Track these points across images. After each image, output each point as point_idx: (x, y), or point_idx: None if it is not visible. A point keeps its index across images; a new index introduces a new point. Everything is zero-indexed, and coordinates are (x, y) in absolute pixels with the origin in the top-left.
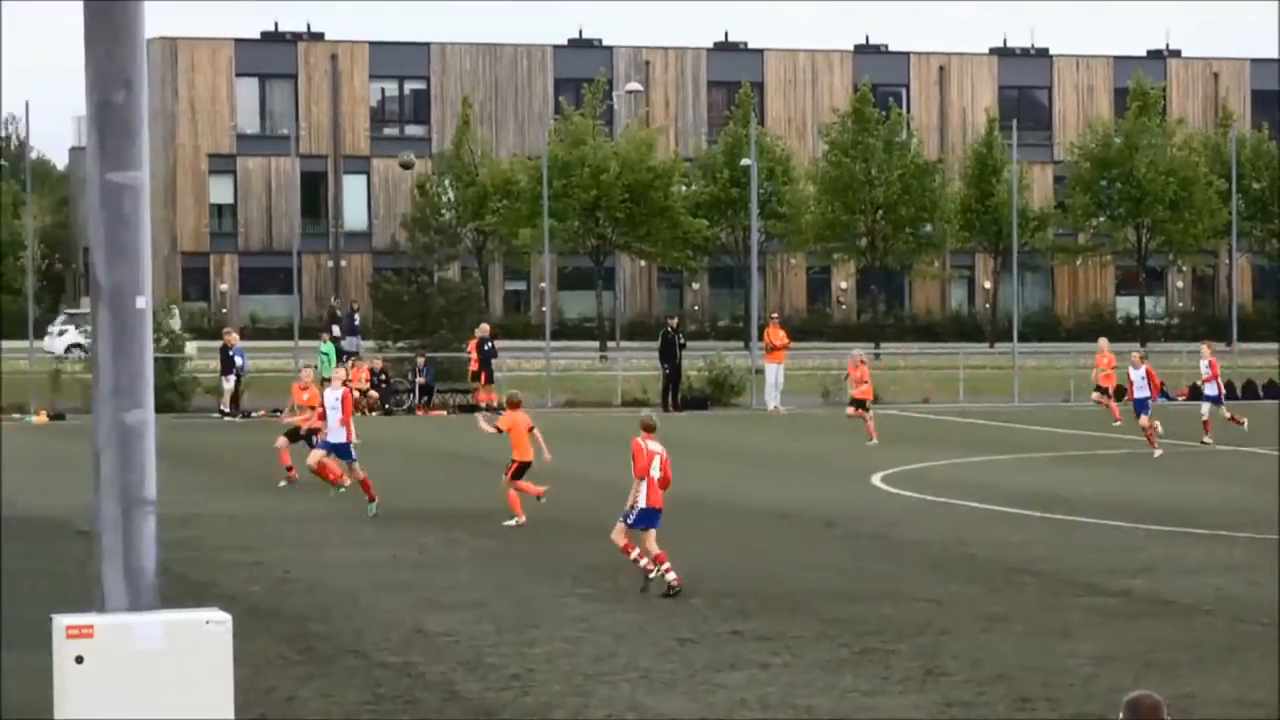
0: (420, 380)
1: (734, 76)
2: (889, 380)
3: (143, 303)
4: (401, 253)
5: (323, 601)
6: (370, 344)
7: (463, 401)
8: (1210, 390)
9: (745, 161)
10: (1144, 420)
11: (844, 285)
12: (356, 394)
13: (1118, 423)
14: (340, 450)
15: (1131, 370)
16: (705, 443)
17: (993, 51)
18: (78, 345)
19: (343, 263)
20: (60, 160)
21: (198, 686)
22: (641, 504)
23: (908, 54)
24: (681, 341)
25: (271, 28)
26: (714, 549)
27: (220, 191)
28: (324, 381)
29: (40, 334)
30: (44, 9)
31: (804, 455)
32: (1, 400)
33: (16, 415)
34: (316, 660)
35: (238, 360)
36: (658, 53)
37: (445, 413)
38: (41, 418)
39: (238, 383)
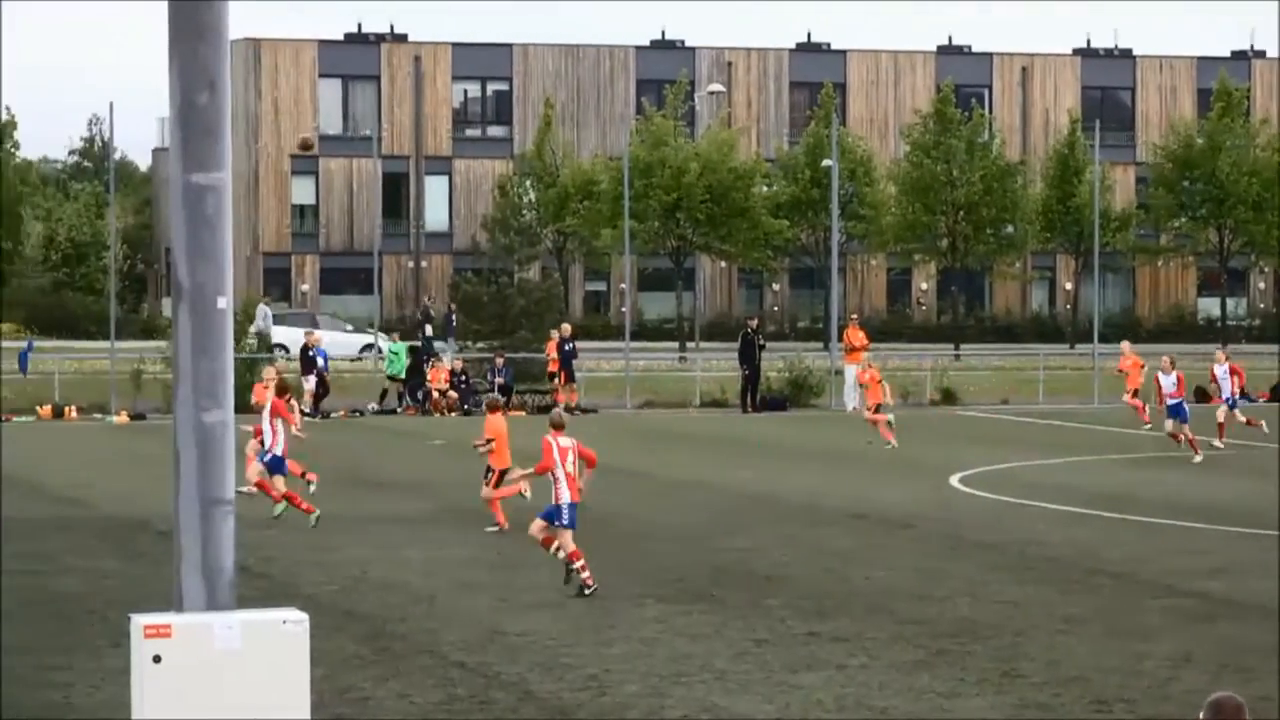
0: (499, 381)
1: (816, 77)
2: (968, 381)
3: (224, 303)
4: (482, 253)
5: (399, 601)
6: (450, 344)
7: (541, 402)
8: (1225, 393)
9: (826, 162)
10: (1170, 425)
11: (924, 286)
12: (436, 394)
13: (1147, 425)
14: (275, 464)
15: (1161, 375)
16: (784, 444)
17: (1076, 52)
18: (281, 346)
19: (423, 263)
20: (143, 161)
21: (274, 686)
22: (566, 500)
23: (990, 55)
24: (761, 342)
25: (355, 29)
26: (791, 550)
27: (302, 192)
28: (391, 380)
29: (154, 334)
30: (129, 10)
31: (882, 456)
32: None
33: (98, 415)
34: (392, 660)
35: (319, 361)
36: (740, 53)
37: (524, 413)
38: (122, 418)
39: (320, 383)
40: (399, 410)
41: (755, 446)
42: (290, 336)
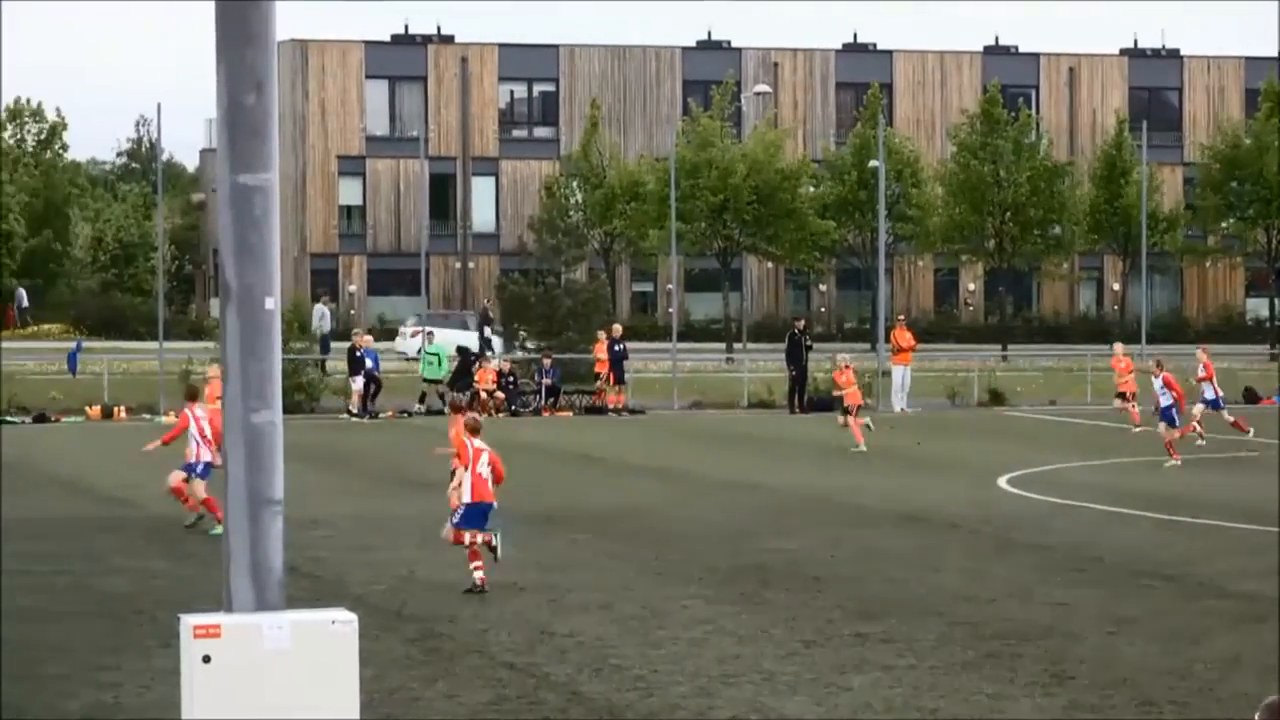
0: (547, 382)
1: (863, 78)
2: (1016, 382)
3: (271, 304)
4: (529, 254)
5: (448, 602)
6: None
7: (588, 403)
8: (1208, 393)
9: (873, 163)
10: (1162, 429)
11: (971, 287)
12: (483, 395)
13: (1138, 428)
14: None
15: (1152, 379)
16: (831, 444)
17: (1123, 53)
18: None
19: (470, 264)
20: (191, 162)
21: (324, 686)
22: (467, 500)
23: (1037, 55)
24: (808, 343)
25: (401, 30)
26: (839, 551)
27: (349, 193)
28: (428, 382)
29: (202, 335)
30: (177, 11)
31: (930, 457)
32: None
33: (147, 415)
34: (441, 661)
35: (368, 362)
36: (786, 54)
37: (571, 414)
38: (171, 418)
39: (369, 384)
40: (444, 411)
41: (803, 447)
42: (444, 338)
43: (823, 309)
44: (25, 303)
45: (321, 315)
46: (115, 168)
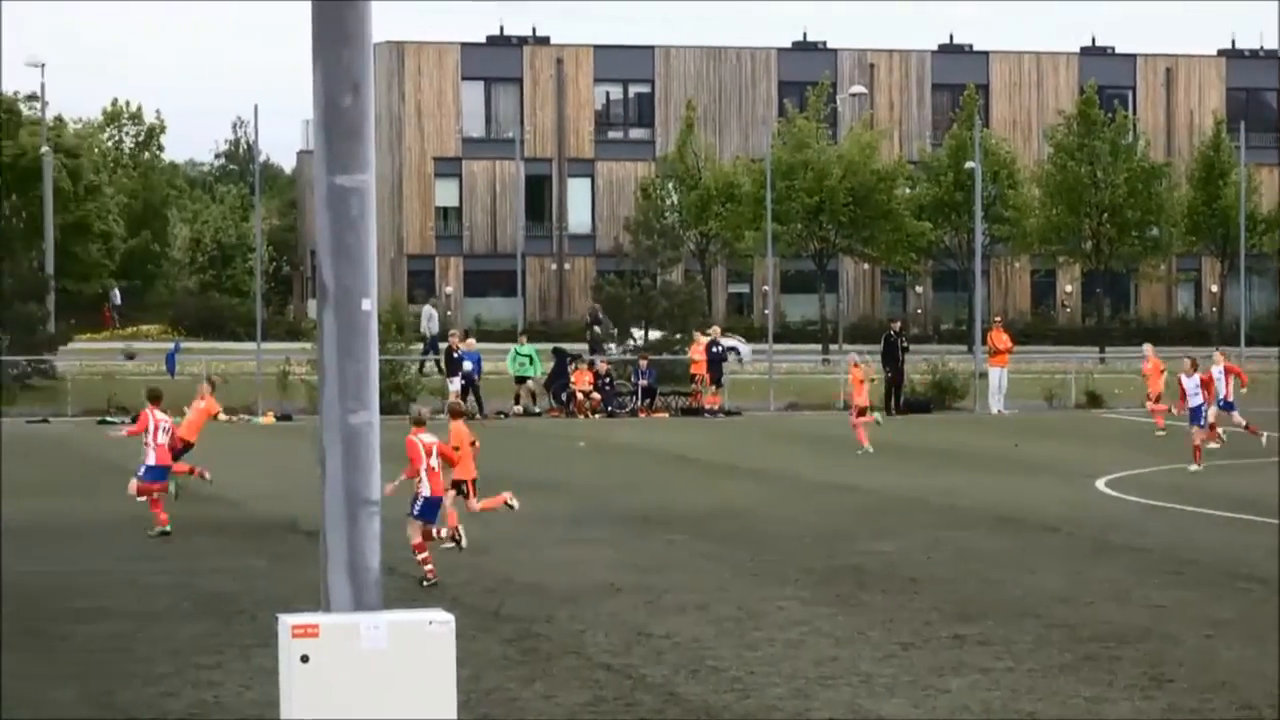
0: (643, 383)
1: (959, 79)
2: (1113, 384)
3: (368, 305)
4: (625, 256)
5: (545, 603)
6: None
7: (685, 404)
8: (1220, 394)
9: (969, 164)
10: (1193, 430)
11: (1068, 288)
12: (580, 396)
13: (1161, 431)
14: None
15: (1184, 378)
16: (927, 446)
17: (1221, 53)
18: None
19: (566, 266)
20: (288, 163)
21: (421, 686)
22: (426, 494)
23: (1134, 56)
24: (904, 345)
25: (497, 32)
26: (936, 553)
27: (446, 194)
28: (519, 382)
29: (299, 336)
30: (274, 11)
31: (1027, 459)
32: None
33: (244, 416)
34: (539, 661)
35: (468, 364)
36: (882, 55)
37: (667, 415)
38: (268, 419)
39: (469, 386)
40: (540, 412)
41: (899, 449)
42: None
43: (919, 310)
44: (119, 300)
45: (430, 317)
46: (213, 169)
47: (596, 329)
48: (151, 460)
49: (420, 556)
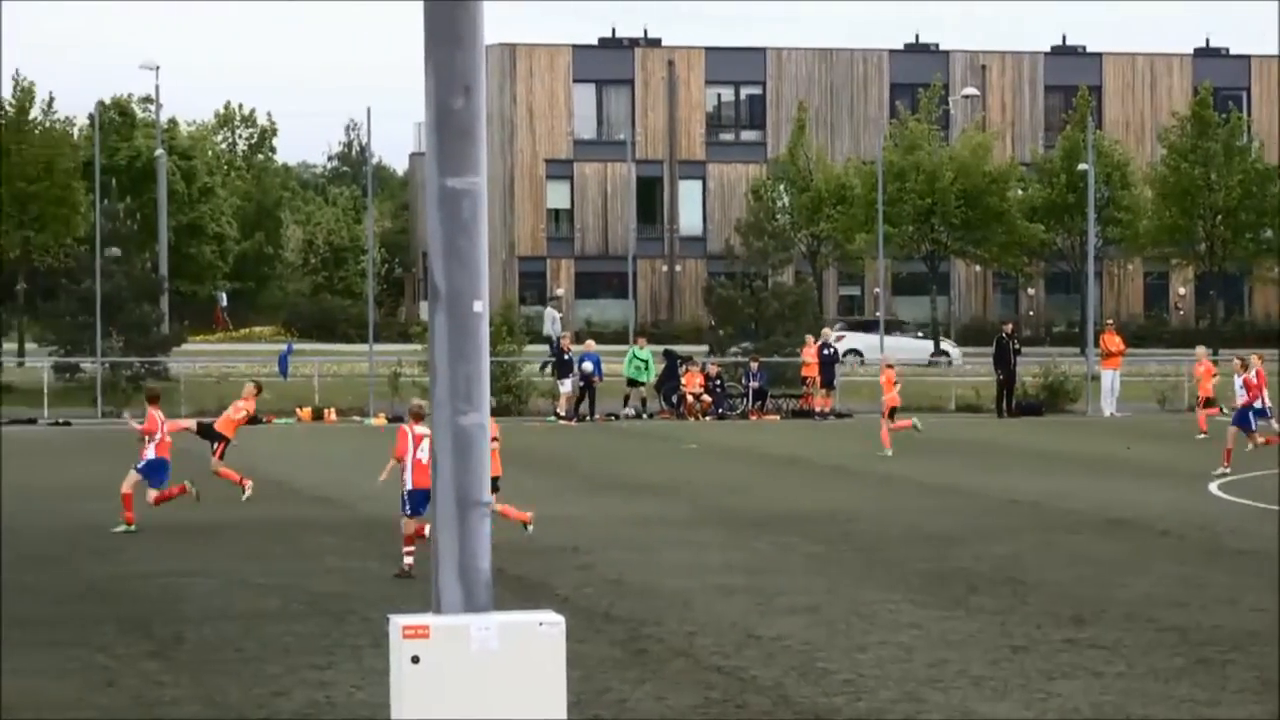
0: (754, 385)
1: (1071, 80)
2: (1226, 387)
3: (480, 307)
4: (736, 257)
5: (655, 604)
6: (703, 349)
7: (795, 406)
8: (1257, 403)
9: (1082, 166)
10: (1231, 432)
11: (1182, 291)
12: (690, 398)
13: (1203, 435)
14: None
15: (1236, 377)
16: (1040, 448)
17: None
18: (855, 351)
19: (678, 267)
20: (400, 165)
21: (531, 688)
22: (409, 486)
23: (1249, 57)
24: (1016, 347)
25: (609, 34)
26: (1048, 556)
27: (557, 196)
28: (631, 384)
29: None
30: (386, 12)
31: (1139, 462)
32: None
33: (356, 417)
34: (649, 663)
35: (587, 365)
36: (994, 57)
37: (778, 417)
38: (380, 420)
39: (588, 388)
40: (651, 414)
41: (1011, 451)
42: (865, 342)
43: (1031, 312)
44: (224, 303)
45: (553, 319)
46: (326, 171)
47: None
48: (151, 455)
49: (407, 549)
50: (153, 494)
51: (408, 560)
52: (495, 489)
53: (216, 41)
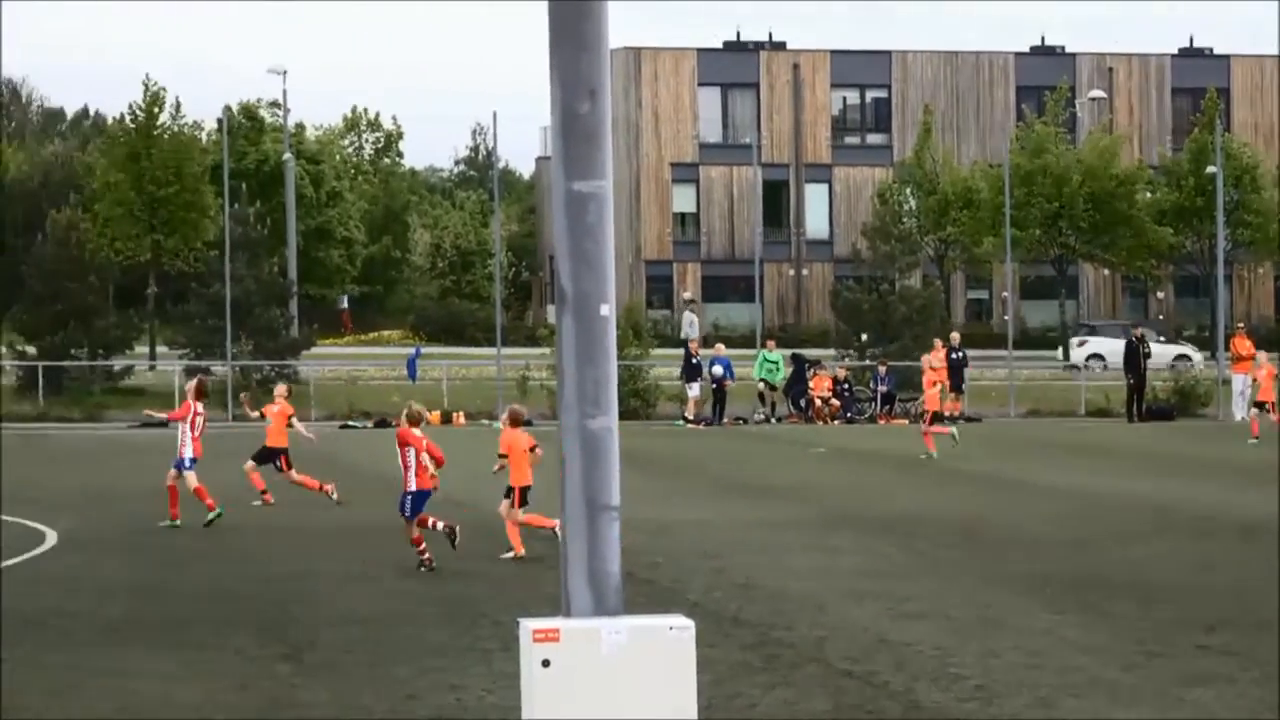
0: (882, 389)
1: (1199, 82)
2: None
3: (606, 310)
4: (862, 261)
5: (784, 608)
6: (831, 353)
7: (921, 410)
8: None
9: (1211, 169)
10: None
11: None
12: (818, 401)
13: (1255, 440)
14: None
15: None
16: (1172, 453)
17: None
18: (1098, 356)
19: (804, 271)
20: (526, 169)
21: (661, 692)
22: (414, 488)
23: None
24: (1146, 351)
25: (733, 37)
26: (1178, 561)
27: (683, 200)
28: (769, 387)
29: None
30: (510, 17)
31: (1273, 466)
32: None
33: (485, 421)
34: (779, 668)
35: (718, 369)
36: (1121, 59)
37: (907, 421)
38: (503, 423)
39: (719, 391)
40: (779, 418)
41: (1141, 456)
42: (1109, 347)
43: (1160, 316)
44: (345, 306)
45: (690, 323)
46: (452, 175)
47: (863, 335)
48: (191, 453)
49: (419, 547)
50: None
51: (426, 555)
52: (525, 501)
53: (342, 46)
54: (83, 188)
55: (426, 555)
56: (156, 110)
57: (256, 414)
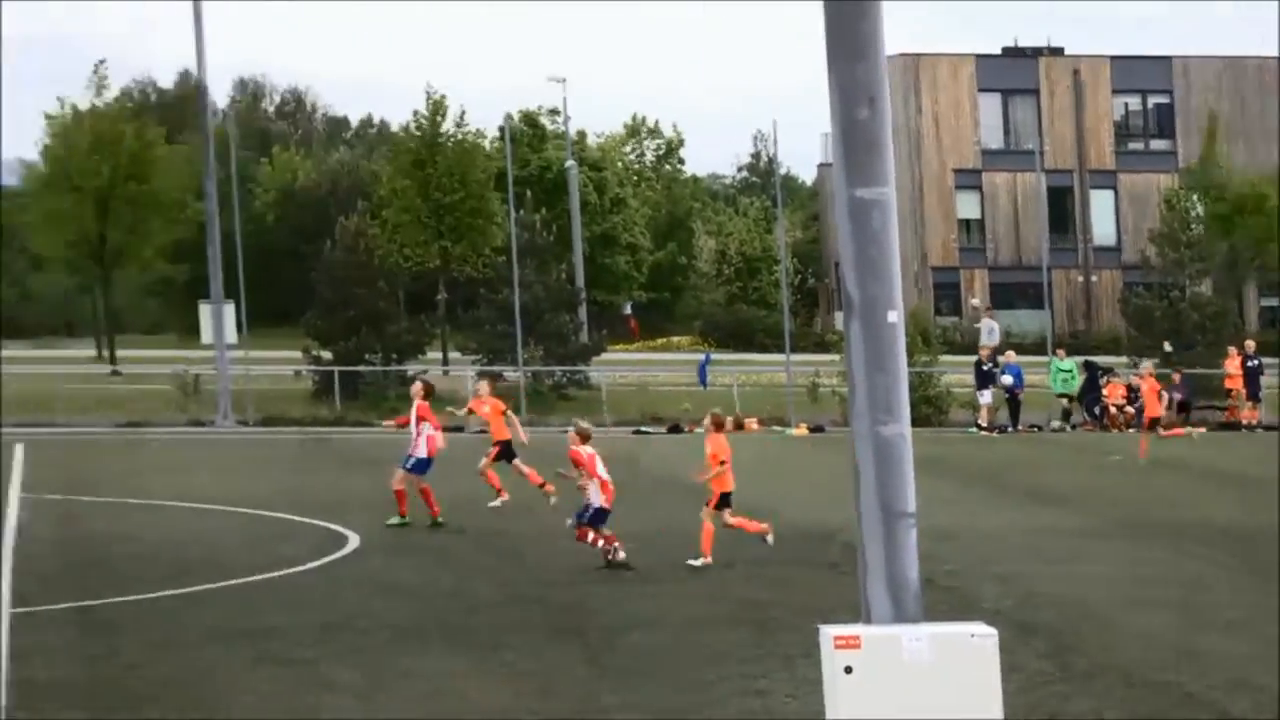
0: (1177, 397)
1: None
2: None
3: (894, 317)
4: (1151, 268)
5: (1079, 617)
6: (1122, 360)
7: (1221, 419)
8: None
9: None
10: None
11: None
12: (1113, 409)
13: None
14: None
15: None
16: None
17: None
18: None
19: (1093, 278)
20: (808, 176)
21: (965, 699)
22: (596, 503)
23: None
24: None
25: (1011, 43)
26: None
27: (967, 206)
28: (1060, 397)
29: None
30: (790, 22)
31: None
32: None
33: (777, 427)
34: (1076, 677)
35: (1008, 377)
36: None
37: (1203, 429)
38: (801, 430)
39: (1012, 400)
40: (1074, 426)
41: None
42: None
43: None
44: (628, 311)
45: (990, 330)
46: (735, 182)
47: (1166, 344)
48: (422, 452)
49: (591, 539)
50: (400, 475)
51: (621, 553)
52: (728, 504)
53: (623, 54)
54: (370, 195)
55: (621, 554)
56: (440, 118)
57: (464, 412)
